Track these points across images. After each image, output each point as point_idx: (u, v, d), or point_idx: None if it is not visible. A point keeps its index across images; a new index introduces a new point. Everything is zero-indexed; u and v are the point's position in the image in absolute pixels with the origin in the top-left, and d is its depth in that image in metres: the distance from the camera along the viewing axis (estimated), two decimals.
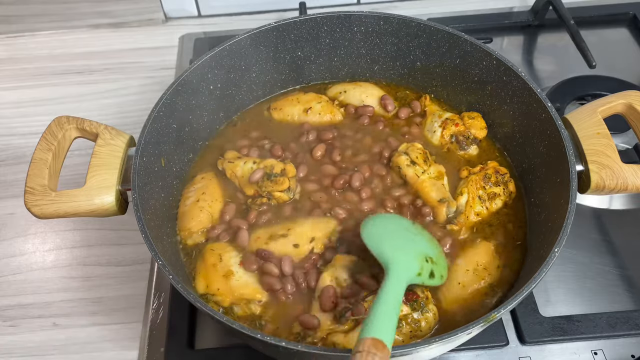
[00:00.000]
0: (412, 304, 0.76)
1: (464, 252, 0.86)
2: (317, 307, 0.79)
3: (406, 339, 0.76)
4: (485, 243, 0.87)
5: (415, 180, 0.92)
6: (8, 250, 1.06)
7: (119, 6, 1.43)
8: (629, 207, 1.05)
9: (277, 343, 0.65)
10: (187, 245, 0.89)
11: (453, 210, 0.89)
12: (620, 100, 0.85)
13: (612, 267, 0.97)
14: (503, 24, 1.37)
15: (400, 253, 0.75)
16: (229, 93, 1.03)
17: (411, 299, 0.76)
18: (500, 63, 0.93)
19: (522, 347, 0.87)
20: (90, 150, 0.83)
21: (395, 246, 0.77)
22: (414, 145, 0.95)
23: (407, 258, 0.75)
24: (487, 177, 0.91)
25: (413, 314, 0.76)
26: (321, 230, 0.87)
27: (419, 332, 0.76)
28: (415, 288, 0.78)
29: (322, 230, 0.87)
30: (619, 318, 0.89)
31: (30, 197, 0.78)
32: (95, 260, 1.04)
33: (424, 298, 0.78)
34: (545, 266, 0.70)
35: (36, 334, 0.96)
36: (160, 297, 0.95)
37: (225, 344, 0.89)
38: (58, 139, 0.83)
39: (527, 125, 0.91)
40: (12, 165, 1.19)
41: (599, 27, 1.37)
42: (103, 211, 0.81)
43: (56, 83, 1.35)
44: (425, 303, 0.77)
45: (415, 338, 0.76)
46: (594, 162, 0.81)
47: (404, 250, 0.77)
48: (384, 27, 1.02)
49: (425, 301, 0.77)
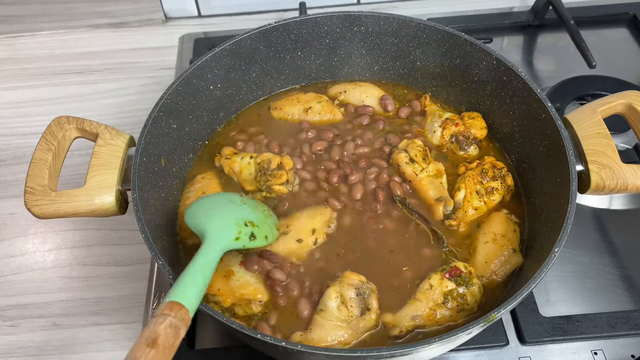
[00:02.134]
0: (455, 279, 0.79)
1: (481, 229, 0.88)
2: (317, 322, 0.78)
3: (454, 314, 0.78)
4: (497, 213, 0.89)
5: (414, 178, 0.92)
6: (8, 250, 1.06)
7: (119, 6, 1.43)
8: (629, 207, 1.05)
9: (277, 343, 0.65)
10: (187, 245, 0.89)
11: (450, 209, 0.89)
12: (620, 100, 0.85)
13: (612, 267, 0.97)
14: (503, 24, 1.37)
15: (212, 220, 0.77)
16: (229, 93, 1.03)
17: (455, 274, 0.79)
18: (500, 63, 0.93)
19: (522, 347, 0.87)
20: (90, 150, 0.84)
21: (209, 216, 0.79)
22: (414, 142, 0.95)
23: (221, 224, 0.77)
24: (484, 172, 0.91)
25: (458, 288, 0.79)
26: (319, 220, 0.88)
27: (465, 306, 0.79)
28: (457, 263, 0.80)
29: (320, 220, 0.88)
30: (619, 318, 0.89)
31: (30, 197, 0.78)
32: (95, 260, 1.04)
33: (467, 273, 0.80)
34: (545, 266, 0.70)
35: (36, 334, 0.96)
36: (160, 297, 0.94)
37: (225, 344, 0.89)
38: (58, 139, 0.83)
39: (527, 125, 0.91)
40: (12, 165, 1.19)
41: (599, 27, 1.37)
42: (103, 211, 0.81)
43: (56, 83, 1.35)
44: (469, 277, 0.79)
45: (463, 312, 0.79)
46: (594, 162, 0.81)
47: (218, 218, 0.79)
48: (384, 27, 1.02)
49: (469, 276, 0.80)
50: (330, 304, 0.78)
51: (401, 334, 0.77)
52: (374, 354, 0.64)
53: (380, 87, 1.09)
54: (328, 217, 0.89)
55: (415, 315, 0.78)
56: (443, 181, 0.93)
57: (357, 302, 0.78)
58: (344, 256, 0.86)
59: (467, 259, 0.85)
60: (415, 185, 0.92)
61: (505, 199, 0.92)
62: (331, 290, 0.79)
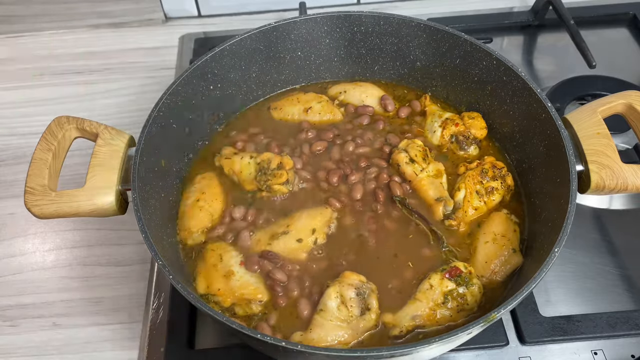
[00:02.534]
0: (455, 279, 0.79)
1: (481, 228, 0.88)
2: (317, 322, 0.78)
3: (454, 314, 0.78)
4: (497, 213, 0.89)
5: (414, 178, 0.92)
6: (8, 250, 1.06)
7: (119, 6, 1.43)
8: (629, 207, 1.05)
9: (277, 343, 0.65)
10: (187, 245, 0.89)
11: (450, 209, 0.89)
12: (620, 100, 0.85)
13: (612, 267, 0.97)
14: (503, 24, 1.37)
15: None
16: (229, 93, 1.03)
17: (455, 274, 0.79)
18: (500, 63, 0.93)
19: (522, 347, 0.87)
20: (90, 150, 0.83)
21: None
22: (414, 142, 0.95)
23: None
24: (484, 172, 0.91)
25: (458, 288, 0.79)
26: (320, 220, 0.88)
27: (465, 306, 0.79)
28: (457, 263, 0.81)
29: (321, 220, 0.88)
30: (619, 318, 0.89)
31: (30, 197, 0.78)
32: (95, 260, 1.04)
33: (467, 273, 0.80)
34: (545, 266, 0.70)
35: (36, 334, 0.96)
36: (160, 297, 0.95)
37: (225, 344, 0.89)
38: (58, 139, 0.83)
39: (527, 125, 0.91)
40: (12, 165, 1.19)
41: (599, 27, 1.37)
42: (103, 211, 0.81)
43: (56, 83, 1.35)
44: (469, 277, 0.80)
45: (463, 312, 0.79)
46: (594, 162, 0.81)
47: None
48: (384, 27, 1.02)
49: (469, 276, 0.80)
50: (330, 303, 0.78)
51: (401, 333, 0.77)
52: (374, 354, 0.64)
53: (380, 87, 1.09)
54: (328, 217, 0.89)
55: (415, 315, 0.78)
56: (443, 181, 0.93)
57: (357, 302, 0.78)
58: (343, 256, 0.86)
59: (467, 258, 0.85)
60: (415, 185, 0.92)
61: (505, 199, 0.92)
62: (331, 290, 0.79)
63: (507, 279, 0.84)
